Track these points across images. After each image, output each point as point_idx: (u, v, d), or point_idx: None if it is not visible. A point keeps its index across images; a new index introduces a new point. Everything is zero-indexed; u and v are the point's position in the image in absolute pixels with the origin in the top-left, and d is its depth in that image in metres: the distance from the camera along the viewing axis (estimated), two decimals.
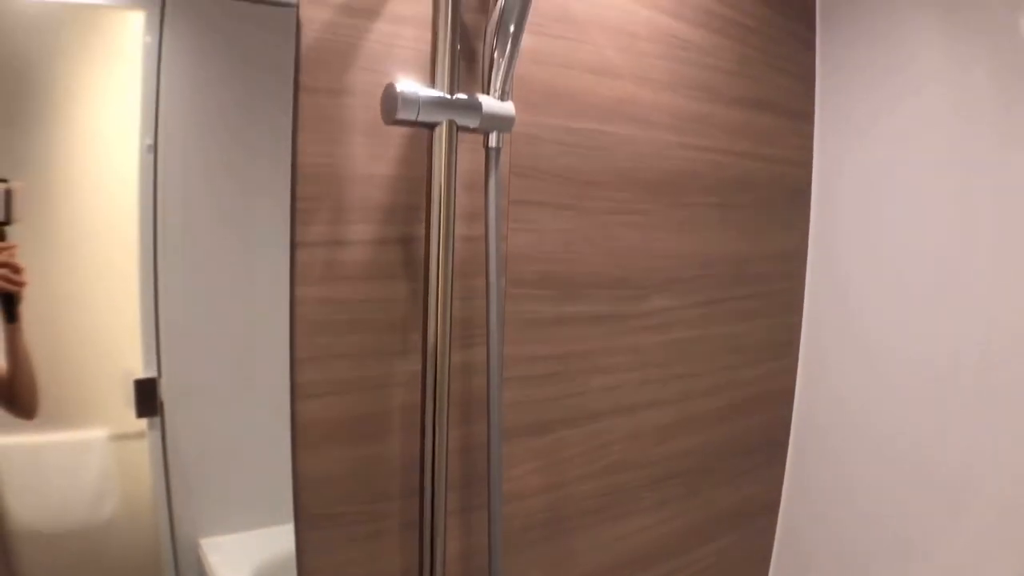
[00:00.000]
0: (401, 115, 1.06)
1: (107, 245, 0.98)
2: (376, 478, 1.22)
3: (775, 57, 1.79)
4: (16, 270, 0.89)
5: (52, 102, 0.92)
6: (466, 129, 1.13)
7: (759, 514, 1.94)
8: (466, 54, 1.23)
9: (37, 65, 0.90)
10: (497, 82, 1.19)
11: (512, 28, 1.20)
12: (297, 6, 1.07)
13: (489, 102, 1.15)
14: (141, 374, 1.00)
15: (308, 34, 1.09)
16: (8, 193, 0.87)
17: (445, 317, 1.13)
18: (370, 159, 1.15)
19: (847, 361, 1.90)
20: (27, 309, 0.90)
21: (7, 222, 0.88)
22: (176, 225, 1.01)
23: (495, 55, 1.20)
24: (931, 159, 1.75)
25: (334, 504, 1.18)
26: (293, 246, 1.09)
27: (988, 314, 1.67)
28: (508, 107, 1.17)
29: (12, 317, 0.89)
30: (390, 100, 1.07)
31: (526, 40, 1.28)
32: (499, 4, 1.20)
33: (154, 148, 0.98)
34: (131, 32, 0.97)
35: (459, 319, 1.26)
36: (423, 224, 1.20)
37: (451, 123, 1.10)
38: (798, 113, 1.87)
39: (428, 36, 1.18)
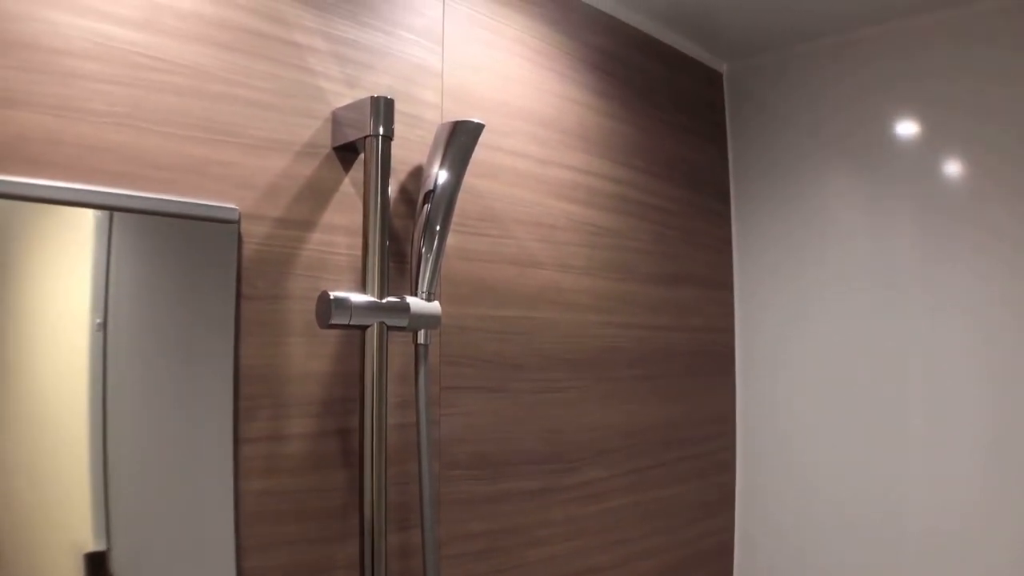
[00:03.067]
0: (335, 320, 1.14)
1: (58, 418, 0.98)
2: None
3: (691, 233, 1.92)
4: None
5: (4, 281, 0.95)
6: (396, 328, 1.21)
7: None
8: (396, 255, 1.33)
9: None
10: (424, 283, 1.28)
11: (438, 229, 1.30)
12: (238, 222, 1.16)
13: (417, 303, 1.23)
14: (91, 547, 0.99)
15: (248, 246, 1.17)
16: None
17: (380, 503, 1.18)
18: (307, 358, 1.23)
19: (784, 515, 1.95)
20: None
21: None
22: (125, 400, 1.03)
23: (423, 253, 1.29)
24: (855, 316, 1.87)
25: None
26: (236, 442, 1.14)
27: (925, 467, 1.75)
28: (435, 307, 1.26)
29: None
30: (324, 306, 1.14)
31: (454, 239, 1.39)
32: (425, 209, 1.31)
33: (103, 326, 1.01)
34: (82, 220, 1.02)
35: (397, 503, 1.31)
36: (357, 415, 1.26)
37: (382, 325, 1.18)
38: (717, 283, 1.99)
39: (360, 242, 1.28)
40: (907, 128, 1.84)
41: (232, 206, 1.16)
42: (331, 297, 1.14)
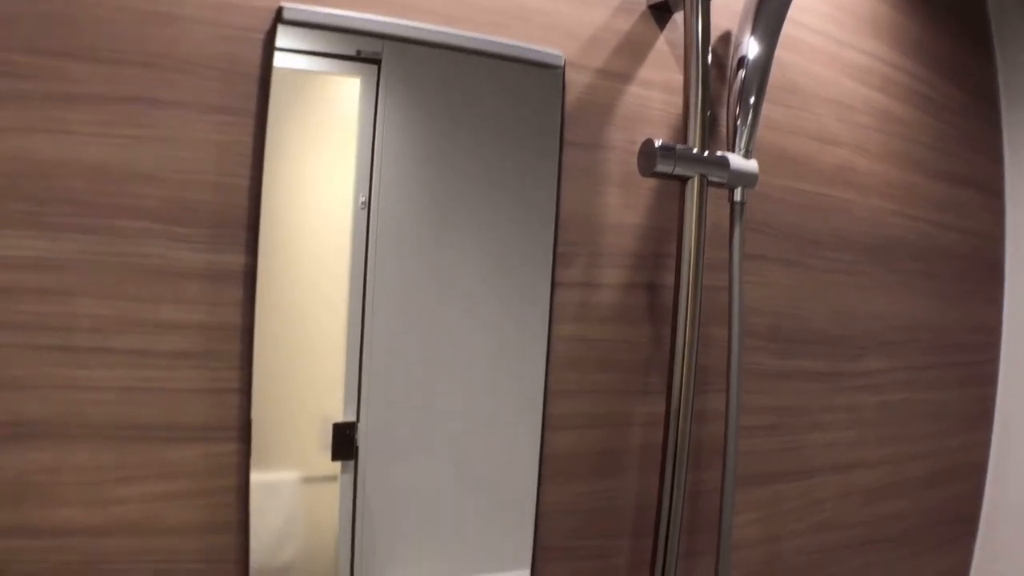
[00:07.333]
0: (659, 168, 1.08)
1: (318, 292, 0.98)
2: (610, 515, 1.21)
3: (967, 134, 1.76)
4: None
5: (277, 156, 0.93)
6: (714, 184, 1.14)
7: None
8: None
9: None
10: (742, 142, 1.20)
11: (752, 99, 1.22)
12: (563, 68, 1.12)
13: (736, 159, 1.16)
14: (340, 418, 0.98)
15: (572, 93, 1.13)
16: None
17: (691, 363, 1.12)
18: (622, 209, 1.18)
19: None
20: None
21: None
22: (386, 277, 1.00)
23: (738, 121, 1.21)
24: None
25: (570, 537, 1.18)
26: (553, 286, 1.12)
27: None
28: (752, 164, 1.18)
29: None
30: (649, 154, 1.09)
31: None
32: (740, 76, 1.22)
33: (367, 205, 0.98)
34: (348, 95, 0.99)
35: (697, 365, 1.25)
36: (668, 271, 1.21)
37: (702, 177, 1.12)
38: (990, 189, 1.82)
39: (674, 99, 1.22)
40: None
41: (558, 52, 1.11)
42: (657, 144, 1.08)
